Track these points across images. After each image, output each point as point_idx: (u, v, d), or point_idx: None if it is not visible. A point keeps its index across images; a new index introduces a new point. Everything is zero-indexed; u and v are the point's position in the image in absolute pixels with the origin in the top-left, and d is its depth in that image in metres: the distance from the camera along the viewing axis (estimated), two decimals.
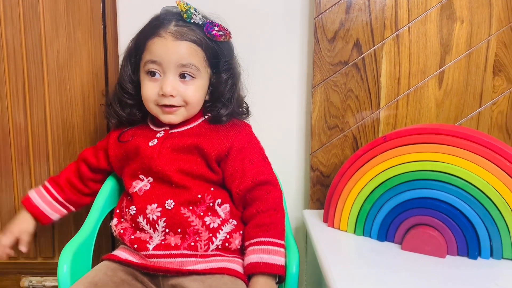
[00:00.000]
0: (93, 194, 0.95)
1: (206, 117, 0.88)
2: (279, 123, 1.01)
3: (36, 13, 1.07)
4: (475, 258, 0.79)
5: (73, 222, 1.16)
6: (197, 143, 0.84)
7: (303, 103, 1.05)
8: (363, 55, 0.99)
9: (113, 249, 1.15)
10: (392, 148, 0.84)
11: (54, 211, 0.94)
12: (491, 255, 0.79)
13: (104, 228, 1.14)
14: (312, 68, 1.00)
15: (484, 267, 0.77)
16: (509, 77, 0.99)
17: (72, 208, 0.96)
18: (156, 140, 0.86)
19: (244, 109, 0.93)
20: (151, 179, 0.85)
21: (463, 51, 0.99)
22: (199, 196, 0.83)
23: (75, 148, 1.13)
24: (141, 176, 0.85)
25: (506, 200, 0.76)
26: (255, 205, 0.83)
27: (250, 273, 0.79)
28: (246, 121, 0.93)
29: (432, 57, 0.99)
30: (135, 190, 0.85)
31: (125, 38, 1.02)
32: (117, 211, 0.88)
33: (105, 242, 1.17)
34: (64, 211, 0.95)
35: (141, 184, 0.85)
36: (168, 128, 0.88)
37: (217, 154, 0.84)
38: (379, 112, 1.01)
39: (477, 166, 0.78)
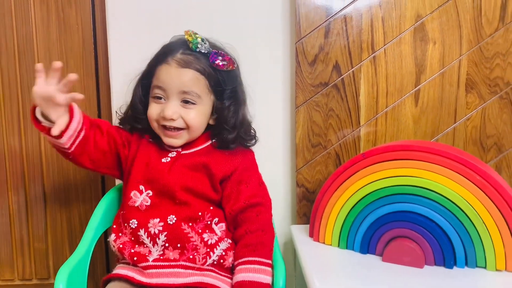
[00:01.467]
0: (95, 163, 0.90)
1: (213, 141, 0.92)
2: (265, 142, 1.05)
3: (30, 41, 1.12)
4: (451, 267, 0.83)
5: (68, 243, 1.19)
6: (206, 162, 0.89)
7: (287, 123, 1.10)
8: (342, 77, 1.04)
9: (107, 269, 1.18)
10: (371, 164, 0.88)
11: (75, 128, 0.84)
12: (466, 264, 0.84)
13: (99, 248, 1.18)
14: (295, 90, 1.05)
15: (460, 276, 0.81)
16: (480, 93, 1.05)
17: (72, 147, 0.85)
18: (169, 159, 0.90)
19: (251, 135, 0.96)
20: (150, 192, 0.88)
21: (437, 70, 1.04)
22: (200, 213, 0.87)
23: (68, 171, 1.17)
24: (141, 187, 0.88)
25: (478, 211, 0.81)
26: (244, 226, 0.87)
27: None
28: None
29: (408, 76, 1.05)
30: (136, 204, 0.88)
31: (116, 66, 1.07)
32: (114, 226, 0.91)
33: (100, 262, 1.20)
34: (72, 139, 0.84)
35: (141, 198, 0.88)
36: (180, 150, 0.91)
37: (223, 175, 0.89)
38: (360, 129, 1.06)
39: (450, 180, 0.83)
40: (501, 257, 0.81)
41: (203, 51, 0.87)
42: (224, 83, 0.89)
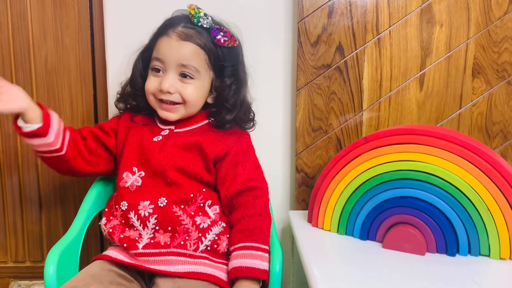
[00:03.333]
0: (89, 163, 0.90)
1: (210, 120, 0.91)
2: (265, 125, 1.03)
3: (24, 18, 1.09)
4: (453, 255, 0.81)
5: (62, 226, 1.17)
6: (199, 141, 0.87)
7: (287, 106, 1.07)
8: (345, 59, 1.01)
9: (101, 251, 1.16)
10: (373, 148, 0.86)
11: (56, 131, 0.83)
12: (469, 252, 0.81)
13: (93, 230, 1.16)
14: (296, 72, 1.02)
15: (462, 264, 0.79)
16: (487, 79, 1.02)
17: (63, 148, 0.84)
18: (160, 137, 0.89)
19: (250, 117, 0.95)
20: (142, 173, 0.86)
21: (443, 54, 1.01)
22: (191, 195, 0.84)
23: None
24: (134, 169, 0.87)
25: (483, 198, 0.78)
26: (241, 210, 0.85)
27: (233, 277, 0.80)
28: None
29: (413, 60, 1.01)
30: (126, 185, 0.86)
31: (112, 43, 1.04)
32: (106, 209, 0.89)
33: (94, 244, 1.18)
34: (60, 138, 0.84)
35: (133, 179, 0.86)
36: (173, 128, 0.90)
37: (216, 155, 0.87)
38: (362, 114, 1.03)
39: (454, 165, 0.80)
40: (506, 245, 0.79)
41: (205, 25, 0.86)
42: (224, 59, 0.88)
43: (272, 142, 1.07)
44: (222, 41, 0.86)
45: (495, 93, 1.02)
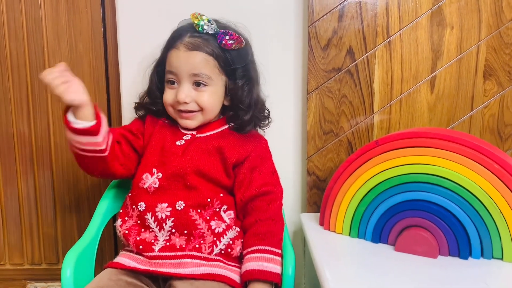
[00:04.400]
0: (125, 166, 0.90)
1: (230, 125, 0.93)
2: (276, 129, 1.03)
3: (39, 25, 1.11)
4: (466, 258, 0.81)
5: (77, 228, 1.19)
6: (220, 145, 0.89)
7: (298, 109, 1.07)
8: (356, 62, 1.01)
9: (116, 254, 1.18)
10: (384, 152, 0.86)
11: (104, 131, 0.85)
12: (482, 255, 0.81)
13: (108, 233, 1.18)
14: (307, 75, 1.02)
15: (475, 267, 0.79)
16: (499, 81, 1.01)
17: (107, 149, 0.85)
18: (183, 141, 0.91)
19: (265, 115, 0.97)
20: (160, 174, 0.87)
21: (454, 56, 1.01)
22: (209, 200, 0.86)
23: None
24: (154, 170, 0.88)
25: (495, 201, 0.78)
26: (255, 215, 0.86)
27: (246, 280, 0.81)
28: (262, 133, 0.98)
29: (424, 62, 1.01)
30: (145, 186, 0.87)
31: (125, 49, 1.05)
32: (121, 211, 0.90)
33: (108, 247, 1.19)
34: (106, 139, 0.85)
35: (151, 180, 0.87)
36: (195, 133, 0.92)
37: (236, 160, 0.89)
38: (373, 117, 1.03)
39: (466, 168, 0.80)
40: None
41: (210, 32, 0.88)
42: (234, 62, 0.89)
43: (283, 145, 1.08)
44: (228, 44, 0.87)
45: (506, 95, 1.02)
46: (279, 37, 1.04)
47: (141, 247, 0.83)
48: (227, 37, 0.87)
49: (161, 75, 0.93)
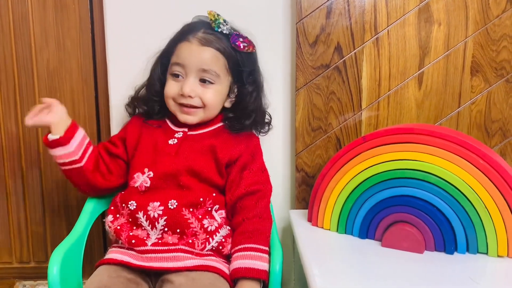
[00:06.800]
0: (110, 178, 0.92)
1: (225, 123, 0.93)
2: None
3: (26, 22, 1.10)
4: (451, 253, 0.82)
5: (65, 226, 1.19)
6: (213, 145, 0.89)
7: (287, 106, 1.08)
8: (344, 58, 1.02)
9: (105, 251, 1.17)
10: (371, 148, 0.86)
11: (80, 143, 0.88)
12: (467, 250, 0.82)
13: (97, 231, 1.17)
14: (295, 72, 1.02)
15: (460, 262, 0.79)
16: (486, 77, 1.02)
17: (83, 160, 0.88)
18: (176, 140, 0.90)
19: (266, 121, 0.98)
20: (151, 173, 0.87)
21: (441, 53, 1.01)
22: (201, 199, 0.86)
23: None
24: (145, 169, 0.88)
25: (480, 196, 0.79)
26: (242, 213, 0.86)
27: (234, 278, 0.81)
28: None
29: (411, 59, 1.02)
30: (136, 185, 0.87)
31: (113, 46, 1.05)
32: (112, 208, 0.90)
33: (97, 244, 1.19)
34: (81, 149, 0.88)
35: (141, 179, 0.87)
36: (186, 130, 0.91)
37: (229, 159, 0.89)
38: (361, 113, 1.04)
39: (452, 164, 0.80)
40: (503, 243, 0.79)
41: (224, 31, 0.89)
42: (244, 64, 0.90)
43: (272, 142, 1.08)
44: (241, 46, 0.88)
45: (493, 91, 1.02)
46: (267, 34, 1.04)
47: (133, 241, 0.83)
48: (241, 39, 0.89)
49: (164, 67, 0.92)
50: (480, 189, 0.79)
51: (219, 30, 0.88)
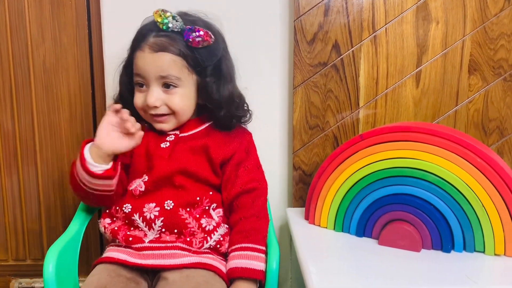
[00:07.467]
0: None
1: (211, 122, 0.90)
2: (261, 123, 1.03)
3: (22, 18, 1.09)
4: (448, 251, 0.82)
5: (62, 224, 1.18)
6: (206, 144, 0.87)
7: (284, 104, 1.07)
8: (341, 56, 1.01)
9: (101, 249, 1.17)
10: (368, 146, 0.86)
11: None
12: (464, 248, 0.82)
13: (93, 229, 1.17)
14: (293, 70, 1.02)
15: (457, 260, 0.79)
16: (484, 75, 1.02)
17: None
18: (168, 143, 0.88)
19: (244, 110, 0.92)
20: (146, 177, 0.86)
21: (439, 51, 1.01)
22: (198, 198, 0.85)
23: (62, 151, 1.15)
24: (143, 175, 0.86)
25: (478, 195, 0.79)
26: (240, 212, 0.86)
27: (230, 277, 0.81)
28: (245, 126, 0.95)
29: (409, 57, 1.02)
30: (130, 188, 0.86)
31: (110, 42, 1.04)
32: (107, 210, 0.89)
33: (94, 242, 1.19)
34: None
35: (136, 183, 0.86)
36: (178, 132, 0.89)
37: (223, 158, 0.87)
38: (359, 111, 1.03)
39: (449, 162, 0.80)
40: (500, 242, 0.79)
41: (176, 29, 0.83)
42: (203, 60, 0.84)
43: (269, 140, 1.08)
44: (196, 41, 0.82)
45: (491, 90, 1.02)
46: (264, 32, 1.04)
47: (131, 239, 0.82)
48: (194, 34, 0.82)
49: (130, 77, 0.89)
50: (478, 188, 0.79)
51: (170, 30, 0.82)
